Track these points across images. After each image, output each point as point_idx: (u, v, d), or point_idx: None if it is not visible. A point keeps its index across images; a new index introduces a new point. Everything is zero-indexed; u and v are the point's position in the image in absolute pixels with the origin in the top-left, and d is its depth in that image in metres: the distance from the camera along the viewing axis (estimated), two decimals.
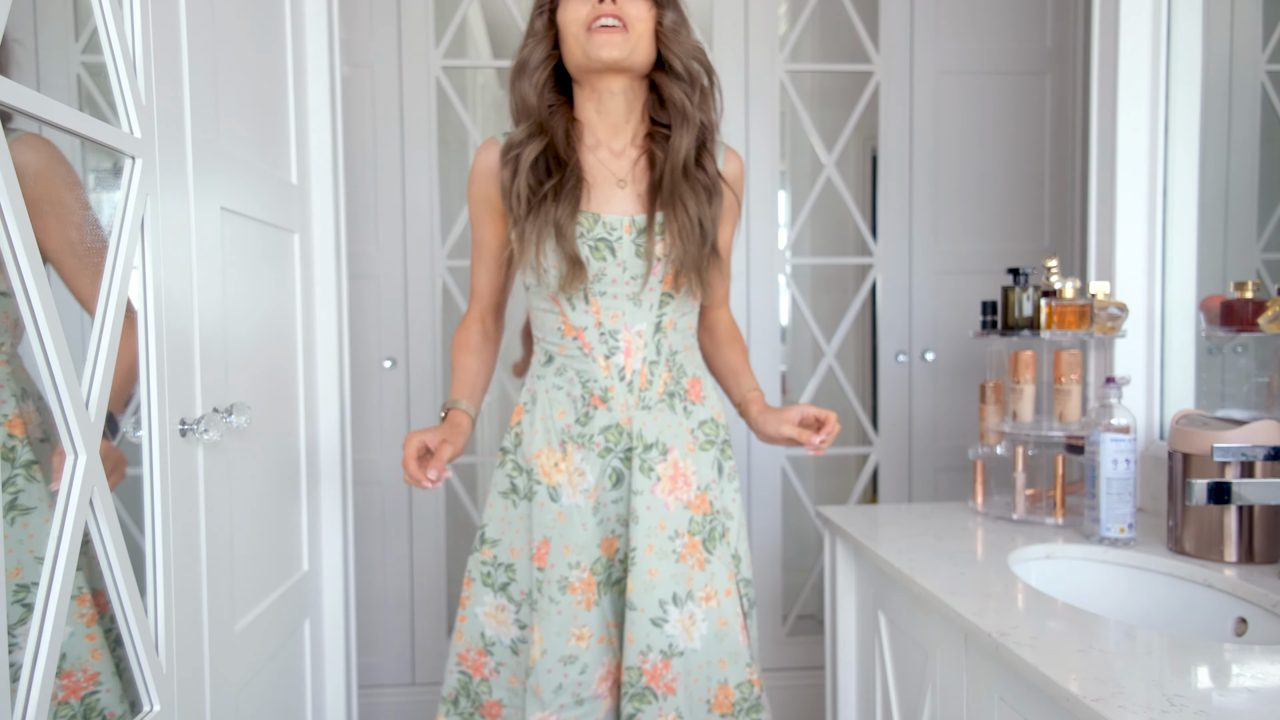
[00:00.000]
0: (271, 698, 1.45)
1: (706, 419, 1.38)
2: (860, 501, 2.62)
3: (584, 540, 1.29)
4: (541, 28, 1.31)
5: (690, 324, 1.40)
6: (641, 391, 1.32)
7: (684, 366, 1.38)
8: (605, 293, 1.30)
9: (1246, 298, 1.36)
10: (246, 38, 1.39)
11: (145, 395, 1.06)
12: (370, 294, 2.38)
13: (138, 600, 1.01)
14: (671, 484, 1.30)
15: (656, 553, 1.27)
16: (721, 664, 1.30)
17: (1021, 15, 2.45)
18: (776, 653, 2.48)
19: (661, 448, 1.31)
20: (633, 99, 1.32)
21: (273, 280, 1.49)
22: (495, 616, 1.36)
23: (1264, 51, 1.52)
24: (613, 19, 1.24)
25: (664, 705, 1.25)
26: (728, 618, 1.31)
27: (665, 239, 1.28)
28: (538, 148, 1.28)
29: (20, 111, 0.80)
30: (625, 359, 1.32)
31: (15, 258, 0.80)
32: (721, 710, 1.30)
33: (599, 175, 1.32)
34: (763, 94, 2.41)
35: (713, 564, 1.31)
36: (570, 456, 1.31)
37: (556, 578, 1.28)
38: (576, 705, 1.28)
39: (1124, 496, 1.33)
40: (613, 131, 1.33)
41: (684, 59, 1.29)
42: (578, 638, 1.28)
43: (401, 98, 2.36)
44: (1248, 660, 0.90)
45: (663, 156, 1.30)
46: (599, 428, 1.31)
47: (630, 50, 1.25)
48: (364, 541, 2.39)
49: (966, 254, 2.48)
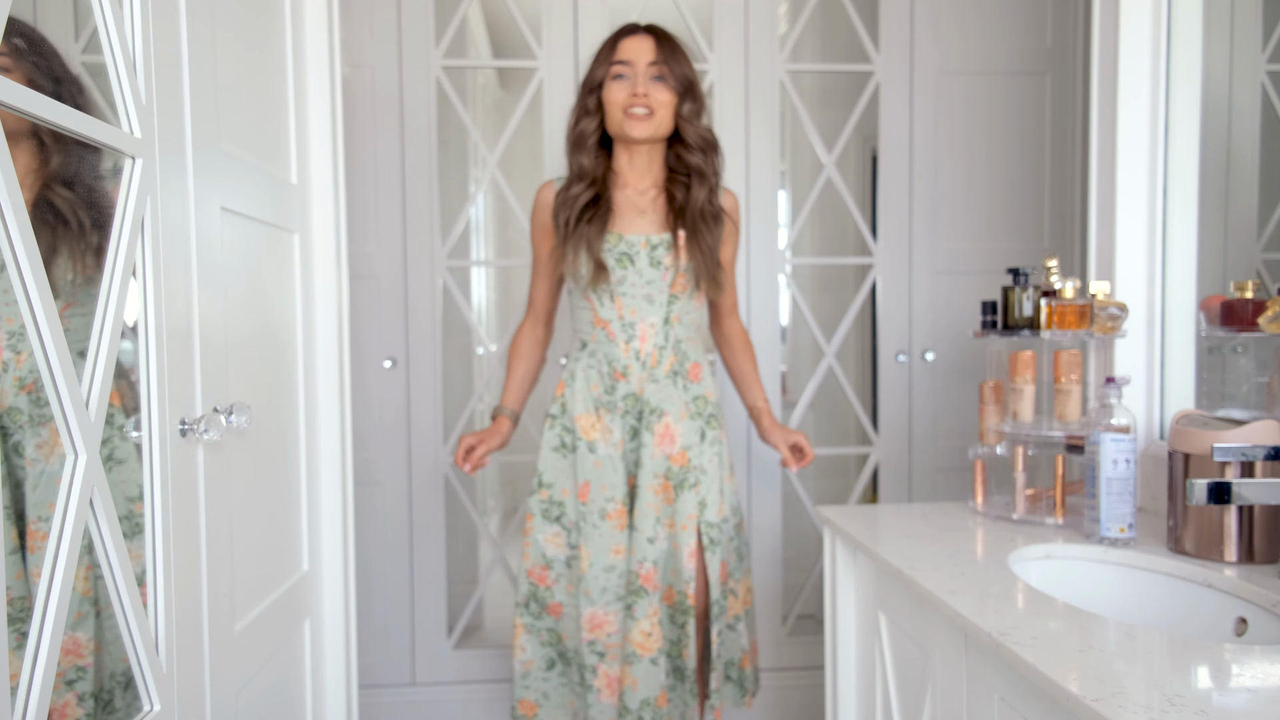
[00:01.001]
0: (271, 698, 1.45)
1: (700, 395, 1.80)
2: (860, 501, 2.62)
3: (615, 480, 1.75)
4: (592, 106, 1.76)
5: (694, 320, 1.81)
6: (652, 369, 1.76)
7: (687, 353, 1.80)
8: (626, 294, 1.75)
9: (1246, 298, 1.36)
10: (246, 37, 1.39)
11: (145, 395, 1.06)
12: (370, 294, 2.38)
13: (138, 600, 1.01)
14: (660, 440, 1.75)
15: (650, 490, 1.73)
16: (672, 573, 1.76)
17: (1021, 15, 2.45)
18: (776, 653, 2.48)
19: (659, 412, 1.75)
20: (654, 156, 1.79)
21: (273, 280, 1.49)
22: (553, 541, 1.80)
23: (1264, 51, 1.52)
24: (643, 108, 1.70)
25: (650, 598, 1.73)
26: (680, 543, 1.74)
27: (684, 256, 1.74)
28: (589, 196, 1.75)
29: (20, 111, 0.80)
30: (641, 344, 1.76)
31: (15, 258, 0.80)
32: (667, 601, 1.76)
33: (625, 207, 1.77)
34: (763, 94, 2.41)
35: (677, 503, 1.74)
36: (602, 419, 1.76)
37: (597, 509, 1.74)
38: (617, 601, 1.74)
39: (1124, 496, 1.33)
40: (638, 176, 1.79)
41: (695, 137, 1.75)
42: (615, 552, 1.74)
43: (401, 98, 2.36)
44: (1248, 660, 0.90)
45: (680, 198, 1.75)
46: (621, 396, 1.77)
47: (654, 131, 1.73)
48: (364, 541, 2.39)
49: (966, 254, 2.48)
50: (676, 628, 1.77)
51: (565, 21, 2.38)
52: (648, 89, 1.69)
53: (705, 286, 1.77)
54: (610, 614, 1.73)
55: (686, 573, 1.74)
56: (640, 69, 1.70)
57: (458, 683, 2.46)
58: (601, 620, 1.73)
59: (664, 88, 1.71)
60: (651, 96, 1.69)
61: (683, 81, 1.72)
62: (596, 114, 1.75)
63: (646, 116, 1.70)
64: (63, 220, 1.03)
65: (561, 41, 2.37)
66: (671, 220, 1.76)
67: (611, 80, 1.72)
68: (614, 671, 1.74)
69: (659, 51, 1.71)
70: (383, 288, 2.39)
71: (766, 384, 2.46)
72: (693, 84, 1.74)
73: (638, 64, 1.70)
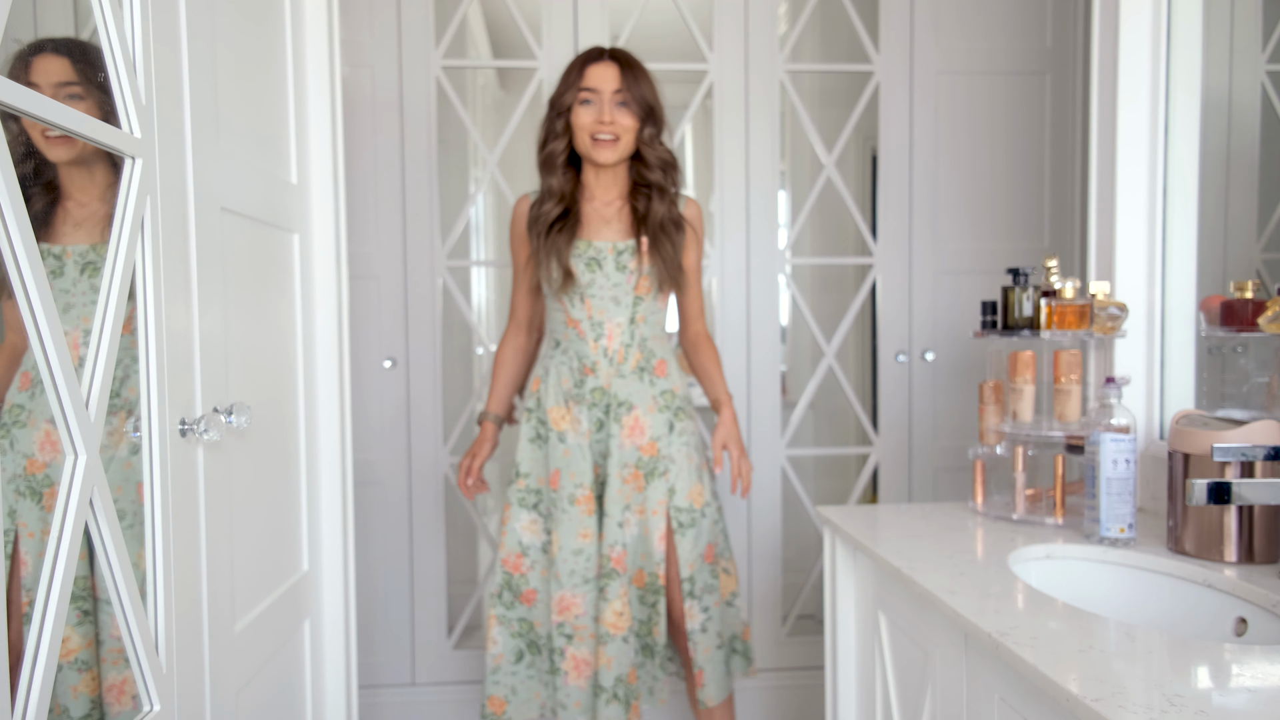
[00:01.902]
0: (271, 698, 1.45)
1: (666, 389, 1.90)
2: (860, 501, 2.62)
3: (583, 468, 1.85)
4: (560, 128, 1.87)
5: (659, 320, 1.93)
6: (619, 365, 1.88)
7: (653, 350, 1.91)
8: (595, 295, 1.87)
9: (1246, 298, 1.36)
10: (246, 37, 1.39)
11: (145, 395, 1.06)
12: (370, 294, 2.38)
13: (138, 600, 1.01)
14: (630, 431, 1.86)
15: (619, 479, 1.84)
16: (642, 556, 1.86)
17: (1021, 15, 2.45)
18: (776, 653, 2.48)
19: (628, 406, 1.86)
20: (619, 172, 1.92)
21: (273, 280, 1.49)
22: (530, 528, 1.91)
23: (1264, 51, 1.52)
24: (609, 134, 1.83)
25: (621, 580, 1.82)
26: (650, 528, 1.85)
27: (646, 261, 1.87)
28: (559, 210, 1.88)
29: (20, 111, 0.80)
30: (608, 342, 1.88)
31: (15, 258, 0.80)
32: (638, 584, 1.87)
33: (592, 217, 1.91)
34: (763, 94, 2.41)
35: (647, 490, 1.86)
36: (571, 410, 1.87)
37: (566, 495, 1.84)
38: (584, 584, 1.83)
39: (1124, 496, 1.33)
40: (604, 190, 1.93)
41: (655, 158, 1.89)
42: (582, 535, 1.83)
43: (401, 98, 2.36)
44: (1248, 660, 0.90)
45: (642, 209, 1.89)
46: (589, 389, 1.87)
47: (619, 155, 1.86)
48: (364, 541, 2.39)
49: (966, 254, 2.48)
50: (647, 607, 1.88)
51: (565, 21, 2.38)
52: (613, 116, 1.83)
53: (667, 288, 1.92)
54: (578, 596, 1.83)
55: (656, 555, 1.85)
56: (606, 96, 1.83)
57: (458, 683, 2.46)
58: (570, 602, 1.83)
59: (628, 113, 1.84)
60: (617, 123, 1.83)
61: (645, 106, 1.85)
62: (565, 135, 1.88)
63: (612, 142, 1.83)
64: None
65: (561, 41, 2.37)
66: (635, 228, 1.90)
67: (579, 105, 1.84)
68: (581, 654, 1.83)
69: (623, 79, 1.84)
70: (383, 288, 2.39)
71: (766, 383, 2.46)
72: (654, 108, 1.87)
73: (604, 91, 1.83)
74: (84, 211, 1.04)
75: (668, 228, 1.89)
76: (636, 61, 1.88)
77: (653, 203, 1.89)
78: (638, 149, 1.89)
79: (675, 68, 2.44)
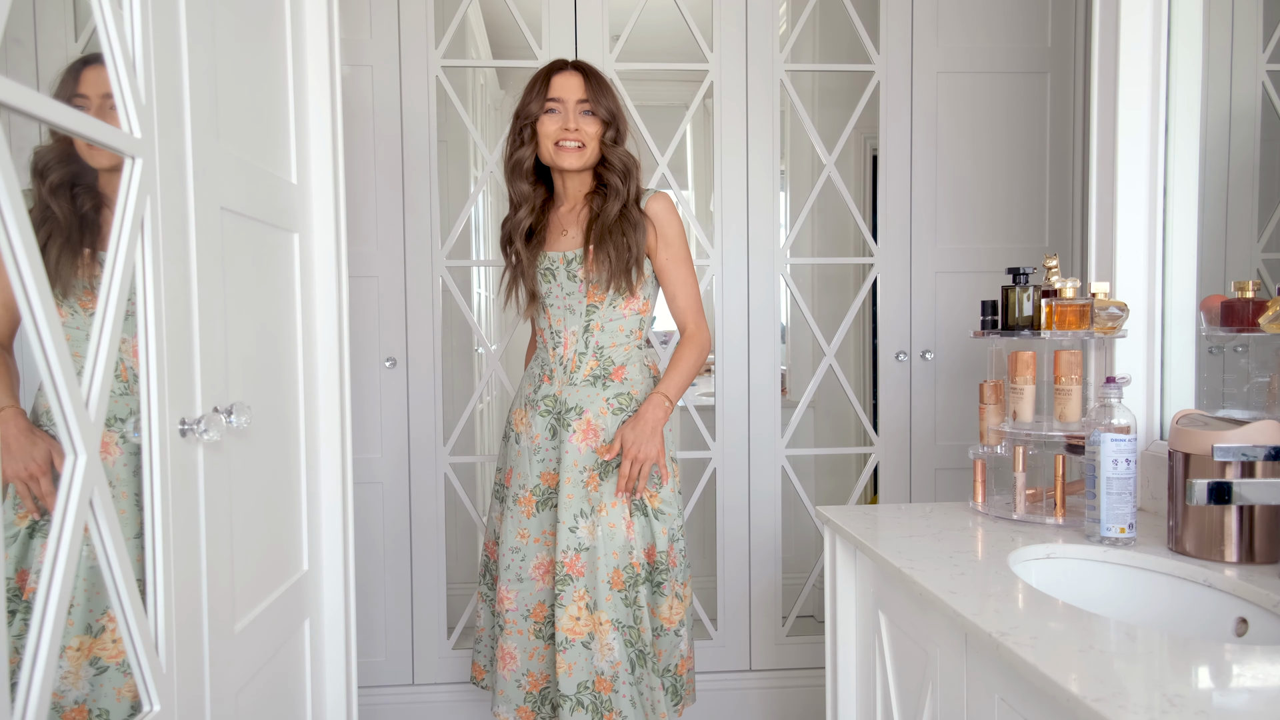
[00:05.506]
0: (271, 698, 1.45)
1: (623, 392, 1.90)
2: (860, 501, 2.62)
3: (528, 471, 1.91)
4: (527, 137, 1.90)
5: (621, 327, 1.91)
6: (571, 373, 1.91)
7: (611, 357, 1.91)
8: (553, 305, 1.92)
9: (1246, 298, 1.36)
10: (246, 38, 1.39)
11: (145, 395, 1.06)
12: (370, 294, 2.38)
13: (138, 600, 1.01)
14: (584, 435, 1.86)
15: (572, 482, 1.85)
16: (614, 554, 1.83)
17: (1021, 15, 2.45)
18: (776, 653, 2.48)
19: (579, 410, 1.88)
20: (584, 177, 1.93)
21: (273, 280, 1.49)
22: (499, 519, 1.98)
23: (1264, 51, 1.52)
24: (574, 141, 1.86)
25: (576, 585, 1.82)
26: (615, 521, 1.84)
27: (592, 268, 1.86)
28: (530, 220, 1.94)
29: (20, 111, 0.80)
30: (564, 350, 1.92)
31: (15, 258, 0.80)
32: (616, 586, 1.83)
33: (554, 226, 1.95)
34: (763, 94, 2.41)
35: (604, 487, 1.85)
36: (527, 414, 1.94)
37: (512, 495, 1.92)
38: (518, 581, 1.89)
39: (1124, 496, 1.33)
40: (571, 195, 1.94)
41: (617, 161, 1.89)
42: (520, 535, 1.89)
43: (401, 98, 2.36)
44: (1248, 660, 0.90)
45: (596, 209, 1.89)
46: (543, 396, 1.92)
47: (585, 161, 1.88)
48: (364, 541, 2.39)
49: (966, 254, 2.48)
50: (629, 606, 1.82)
51: (565, 22, 2.38)
52: (579, 123, 1.86)
53: (625, 291, 1.89)
54: (511, 592, 1.89)
55: (628, 545, 1.83)
56: (571, 105, 1.86)
57: (458, 683, 2.46)
58: (504, 595, 1.89)
59: (593, 120, 1.88)
60: (582, 130, 1.86)
61: (607, 113, 1.90)
62: (531, 144, 1.90)
63: (578, 149, 1.86)
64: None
65: (561, 42, 2.37)
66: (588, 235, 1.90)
67: (545, 114, 1.88)
68: (508, 646, 1.89)
69: (587, 89, 1.88)
70: (383, 288, 2.39)
71: (766, 383, 2.46)
72: (615, 115, 1.91)
73: (568, 101, 1.87)
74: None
75: (620, 228, 1.86)
76: (598, 72, 1.92)
77: (606, 203, 1.89)
78: (601, 154, 1.90)
79: (675, 68, 2.44)
